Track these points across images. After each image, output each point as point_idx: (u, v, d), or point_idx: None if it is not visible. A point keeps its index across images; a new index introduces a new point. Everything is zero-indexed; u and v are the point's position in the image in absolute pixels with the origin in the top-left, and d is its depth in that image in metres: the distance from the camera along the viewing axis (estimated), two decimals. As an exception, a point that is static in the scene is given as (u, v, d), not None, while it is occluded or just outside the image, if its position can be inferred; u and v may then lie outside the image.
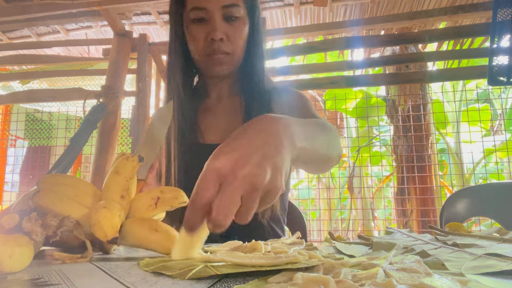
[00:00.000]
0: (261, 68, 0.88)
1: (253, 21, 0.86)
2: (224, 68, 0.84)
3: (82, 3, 2.23)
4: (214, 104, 0.94)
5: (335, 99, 3.28)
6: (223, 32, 0.81)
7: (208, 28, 0.81)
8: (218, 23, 0.80)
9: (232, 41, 0.82)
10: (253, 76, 0.87)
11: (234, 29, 0.82)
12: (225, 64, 0.84)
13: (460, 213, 1.08)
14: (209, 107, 0.93)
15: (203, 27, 0.81)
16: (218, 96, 0.94)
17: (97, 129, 2.19)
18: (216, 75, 0.86)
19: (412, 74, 2.42)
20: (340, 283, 0.30)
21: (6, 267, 0.42)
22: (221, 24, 0.81)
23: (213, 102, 0.94)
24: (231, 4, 0.81)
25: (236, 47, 0.84)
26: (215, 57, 0.82)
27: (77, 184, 0.58)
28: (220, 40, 0.81)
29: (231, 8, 0.81)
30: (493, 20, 1.92)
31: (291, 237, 0.64)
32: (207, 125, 0.91)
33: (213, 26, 0.80)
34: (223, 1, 0.80)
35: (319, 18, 2.77)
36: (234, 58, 0.85)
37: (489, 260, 0.40)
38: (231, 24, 0.82)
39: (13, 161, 3.87)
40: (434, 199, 2.91)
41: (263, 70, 0.88)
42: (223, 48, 0.82)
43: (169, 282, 0.36)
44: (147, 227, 0.53)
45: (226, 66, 0.84)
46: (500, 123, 4.44)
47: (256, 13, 0.87)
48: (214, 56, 0.82)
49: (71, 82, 2.97)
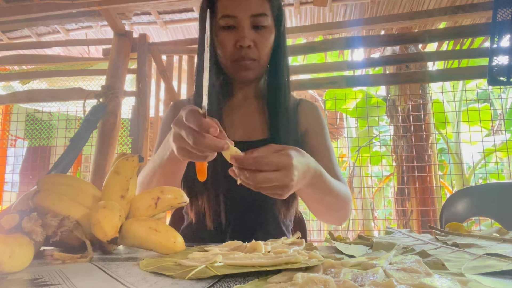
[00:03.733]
0: (287, 75, 0.93)
1: (279, 30, 0.91)
2: (250, 73, 0.89)
3: (82, 3, 2.23)
4: (239, 105, 0.98)
5: (335, 99, 3.29)
6: (251, 39, 0.85)
7: (237, 35, 0.85)
8: (247, 31, 0.84)
9: (259, 49, 0.87)
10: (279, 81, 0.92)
11: (261, 37, 0.86)
12: (251, 69, 0.88)
13: (460, 213, 1.08)
14: (234, 107, 0.98)
15: (232, 34, 0.86)
16: (243, 98, 0.98)
17: (97, 129, 2.19)
18: (243, 79, 0.91)
19: (412, 74, 2.42)
20: (340, 283, 0.30)
21: (6, 267, 0.42)
22: (249, 32, 0.85)
23: (237, 102, 0.98)
24: (260, 13, 0.85)
25: (262, 54, 0.88)
26: (242, 63, 0.87)
27: (77, 184, 0.58)
28: (248, 47, 0.85)
29: (260, 17, 0.85)
30: (493, 20, 1.92)
31: (291, 237, 0.64)
32: (231, 123, 0.95)
33: (242, 33, 0.84)
34: (252, 10, 0.84)
35: (319, 18, 2.78)
36: (260, 64, 0.89)
37: (489, 260, 0.40)
38: (259, 32, 0.86)
39: (13, 161, 3.87)
40: (434, 199, 2.91)
41: (288, 76, 0.93)
42: (250, 55, 0.86)
43: (169, 282, 0.36)
44: (147, 227, 0.53)
45: (252, 71, 0.89)
46: (500, 123, 4.44)
47: (282, 22, 0.91)
48: (241, 62, 0.87)
49: (71, 82, 2.97)
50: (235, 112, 0.96)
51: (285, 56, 0.93)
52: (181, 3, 2.29)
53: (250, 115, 0.96)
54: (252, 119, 0.96)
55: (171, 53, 2.48)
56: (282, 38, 0.92)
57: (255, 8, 0.84)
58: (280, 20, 0.91)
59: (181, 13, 2.63)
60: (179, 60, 2.49)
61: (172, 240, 0.53)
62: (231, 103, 0.98)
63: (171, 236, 0.53)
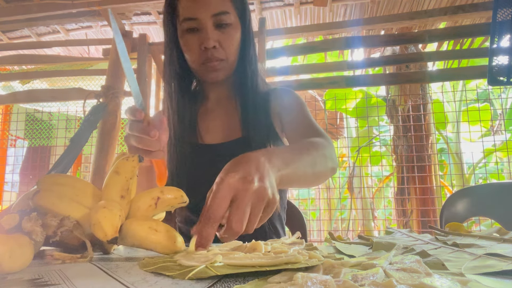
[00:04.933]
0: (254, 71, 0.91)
1: (245, 26, 0.89)
2: (219, 74, 0.87)
3: (82, 3, 2.23)
4: (213, 107, 0.97)
5: (335, 99, 3.29)
6: (215, 40, 0.83)
7: (200, 37, 0.83)
8: (210, 32, 0.82)
9: (225, 48, 0.85)
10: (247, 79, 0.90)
11: (226, 36, 0.84)
12: (220, 70, 0.86)
13: (460, 213, 1.08)
14: (208, 110, 0.97)
15: (196, 37, 0.84)
16: (216, 99, 0.97)
17: (97, 129, 2.19)
18: (213, 81, 0.89)
19: (412, 74, 2.42)
20: (340, 283, 0.30)
21: (6, 267, 0.42)
22: (213, 32, 0.83)
23: (211, 104, 0.97)
24: (221, 12, 0.83)
25: (229, 53, 0.86)
26: (210, 64, 0.85)
27: (77, 184, 0.58)
28: (213, 48, 0.83)
29: (222, 15, 0.83)
30: (493, 20, 1.92)
31: (291, 237, 0.64)
32: (206, 127, 0.95)
33: (205, 35, 0.82)
34: (213, 9, 0.82)
35: (319, 18, 2.77)
36: (228, 64, 0.87)
37: (489, 260, 0.40)
38: (223, 31, 0.84)
39: (13, 161, 3.87)
40: (434, 199, 2.91)
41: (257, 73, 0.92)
42: (217, 55, 0.84)
43: (169, 282, 0.36)
44: (147, 227, 0.53)
45: (221, 72, 0.87)
46: (500, 123, 4.44)
47: (247, 18, 0.89)
48: (209, 64, 0.85)
49: (71, 82, 2.97)
50: (209, 116, 0.96)
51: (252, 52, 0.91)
52: (181, 3, 2.29)
53: (224, 117, 0.95)
54: (226, 120, 0.95)
55: (171, 53, 2.48)
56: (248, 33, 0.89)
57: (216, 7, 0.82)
58: (245, 15, 0.88)
59: (181, 13, 2.62)
60: (179, 60, 2.49)
61: (172, 240, 0.53)
62: (205, 107, 0.98)
63: (171, 236, 0.53)
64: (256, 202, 0.46)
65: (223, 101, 0.97)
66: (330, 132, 5.09)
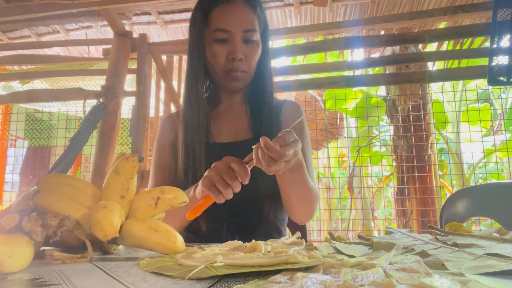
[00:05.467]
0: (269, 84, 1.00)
1: (265, 44, 0.98)
2: (239, 83, 0.96)
3: (82, 3, 2.23)
4: (225, 111, 1.05)
5: (335, 99, 3.29)
6: (242, 53, 0.92)
7: (229, 48, 0.92)
8: (239, 45, 0.91)
9: (248, 61, 0.94)
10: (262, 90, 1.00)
11: (251, 51, 0.93)
12: (241, 80, 0.95)
13: (460, 213, 1.08)
14: (220, 113, 1.05)
15: (225, 47, 0.92)
16: (229, 104, 1.05)
17: (97, 129, 2.19)
18: (233, 89, 0.99)
19: (412, 74, 2.42)
20: (340, 283, 0.30)
21: (6, 267, 0.42)
22: (241, 46, 0.92)
23: (223, 108, 1.05)
24: (251, 29, 0.92)
25: (251, 66, 0.95)
26: (234, 74, 0.93)
27: (77, 184, 0.58)
28: (240, 60, 0.92)
29: (250, 32, 0.92)
30: (493, 20, 1.92)
31: (291, 237, 0.64)
32: (218, 128, 1.02)
33: (235, 47, 0.91)
34: (244, 26, 0.91)
35: (319, 18, 2.78)
36: (249, 75, 0.96)
37: (489, 260, 0.40)
38: (248, 46, 0.93)
39: (13, 161, 3.87)
40: (434, 199, 2.91)
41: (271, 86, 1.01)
42: (241, 67, 0.93)
43: (169, 282, 0.36)
44: (147, 227, 0.53)
45: (242, 82, 0.96)
46: (500, 123, 4.44)
47: (267, 37, 0.99)
48: (233, 73, 0.93)
49: (71, 82, 2.97)
50: (221, 118, 1.03)
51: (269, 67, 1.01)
52: (181, 3, 2.29)
53: (235, 120, 1.03)
54: (237, 123, 1.02)
55: (171, 53, 2.48)
56: (267, 50, 0.99)
57: (247, 24, 0.92)
58: (266, 34, 0.99)
59: (181, 13, 2.63)
60: (179, 60, 2.49)
61: (172, 240, 0.53)
62: (218, 110, 1.05)
63: (171, 236, 0.53)
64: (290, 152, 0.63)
65: (235, 106, 1.05)
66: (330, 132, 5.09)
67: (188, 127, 0.96)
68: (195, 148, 0.94)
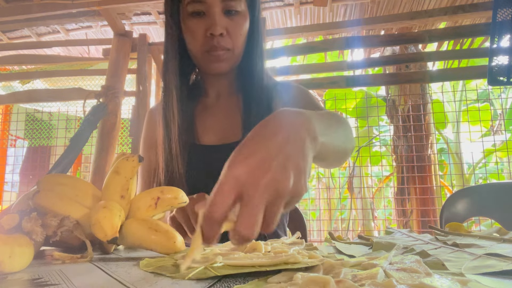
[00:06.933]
0: (260, 65, 0.83)
1: (253, 16, 0.81)
2: (223, 65, 0.80)
3: (82, 3, 2.22)
4: (212, 104, 0.90)
5: (335, 99, 3.28)
6: (223, 26, 0.76)
7: (207, 23, 0.76)
8: (218, 17, 0.75)
9: (232, 37, 0.78)
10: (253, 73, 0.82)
11: (235, 24, 0.77)
12: (224, 60, 0.79)
13: (460, 213, 1.08)
14: (207, 107, 0.89)
15: (202, 21, 0.76)
16: (216, 95, 0.90)
17: (97, 129, 2.19)
18: (215, 72, 0.82)
19: (412, 74, 2.42)
20: (340, 283, 0.30)
21: (6, 267, 0.42)
22: (221, 18, 0.76)
23: (210, 101, 0.90)
24: None
25: (236, 43, 0.79)
26: (214, 53, 0.77)
27: (77, 184, 0.58)
28: (220, 35, 0.76)
29: (232, 1, 0.76)
30: (493, 20, 1.91)
31: (291, 237, 0.64)
32: (204, 125, 0.87)
33: (212, 20, 0.75)
34: None
35: (319, 18, 2.77)
36: (234, 55, 0.80)
37: (489, 260, 0.40)
38: (232, 18, 0.77)
39: (13, 161, 3.87)
40: (434, 199, 2.91)
41: (263, 68, 0.84)
42: (223, 44, 0.77)
43: (169, 282, 0.36)
44: (147, 227, 0.53)
45: (226, 63, 0.80)
46: (500, 123, 4.44)
47: (257, 7, 0.82)
48: (213, 53, 0.77)
49: (71, 82, 2.97)
50: (208, 113, 0.88)
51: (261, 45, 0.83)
52: (181, 3, 2.29)
53: (224, 115, 0.87)
54: (226, 119, 0.86)
55: (171, 53, 2.48)
56: (257, 24, 0.82)
57: None
58: (254, 4, 0.81)
59: (181, 13, 2.62)
60: (179, 60, 2.49)
61: (172, 240, 0.53)
62: (203, 103, 0.89)
63: (171, 236, 0.53)
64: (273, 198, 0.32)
65: (223, 97, 0.89)
66: (330, 132, 5.07)
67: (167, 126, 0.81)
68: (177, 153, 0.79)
